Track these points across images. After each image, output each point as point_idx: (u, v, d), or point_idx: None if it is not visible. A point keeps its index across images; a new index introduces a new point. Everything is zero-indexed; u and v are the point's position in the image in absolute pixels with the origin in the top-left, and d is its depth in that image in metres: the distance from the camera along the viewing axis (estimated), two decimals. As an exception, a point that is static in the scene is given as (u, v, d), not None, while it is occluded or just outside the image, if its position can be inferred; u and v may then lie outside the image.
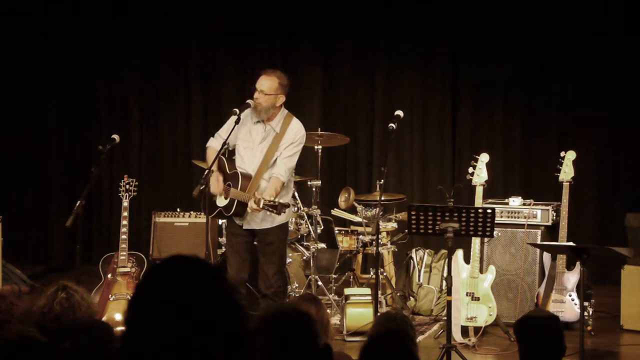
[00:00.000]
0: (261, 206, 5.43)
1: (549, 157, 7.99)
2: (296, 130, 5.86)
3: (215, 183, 5.81)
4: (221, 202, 5.87)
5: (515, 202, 7.03)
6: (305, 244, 7.29)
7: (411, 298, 7.34)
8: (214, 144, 5.98)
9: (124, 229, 6.62)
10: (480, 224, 5.45)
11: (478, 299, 6.42)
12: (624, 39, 8.36)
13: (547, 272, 6.67)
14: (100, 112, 9.54)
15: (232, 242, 5.99)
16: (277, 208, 5.42)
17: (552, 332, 3.53)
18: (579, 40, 8.45)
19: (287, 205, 5.57)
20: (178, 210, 7.90)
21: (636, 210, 7.38)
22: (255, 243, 6.01)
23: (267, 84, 5.76)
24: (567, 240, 6.41)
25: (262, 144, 5.83)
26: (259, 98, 5.76)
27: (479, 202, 6.49)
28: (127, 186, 6.84)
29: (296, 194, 7.14)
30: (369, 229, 7.22)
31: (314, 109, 9.04)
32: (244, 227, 5.88)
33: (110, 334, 3.51)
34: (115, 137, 6.44)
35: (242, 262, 5.91)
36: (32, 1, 9.28)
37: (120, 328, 4.94)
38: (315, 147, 7.27)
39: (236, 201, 5.73)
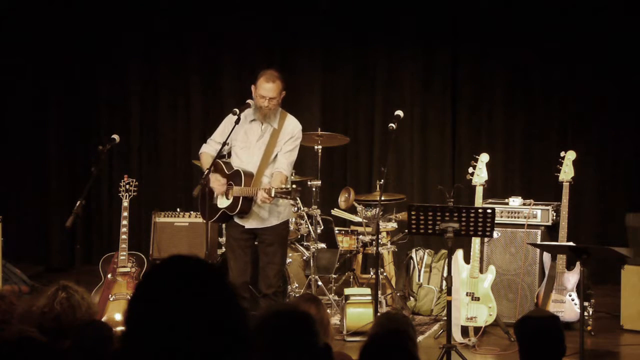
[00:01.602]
0: (273, 194, 5.40)
1: (549, 157, 7.98)
2: (294, 124, 5.88)
3: (217, 183, 5.77)
4: (223, 203, 5.81)
5: (515, 202, 7.03)
6: (305, 244, 7.29)
7: (411, 298, 7.34)
8: (207, 150, 5.94)
9: (124, 229, 6.62)
10: (480, 224, 5.45)
11: (478, 299, 6.42)
12: (623, 38, 8.36)
13: (547, 272, 6.67)
14: (100, 112, 9.54)
15: (232, 246, 5.94)
16: (290, 193, 5.39)
17: (552, 332, 3.53)
18: (578, 40, 8.45)
19: (299, 190, 5.51)
20: (178, 210, 7.90)
21: (636, 210, 7.38)
22: (256, 243, 6.00)
23: (274, 89, 5.73)
24: (567, 240, 6.41)
25: (260, 142, 5.81)
26: (269, 105, 5.74)
27: (479, 202, 6.49)
28: (127, 186, 6.83)
29: (296, 194, 7.14)
30: (369, 229, 7.22)
31: (314, 109, 9.03)
32: (246, 227, 5.85)
33: (110, 334, 3.51)
34: (115, 137, 6.44)
35: (243, 265, 5.88)
36: (33, 1, 9.27)
37: (120, 328, 4.93)
38: (315, 147, 7.27)
39: (241, 198, 5.71)
